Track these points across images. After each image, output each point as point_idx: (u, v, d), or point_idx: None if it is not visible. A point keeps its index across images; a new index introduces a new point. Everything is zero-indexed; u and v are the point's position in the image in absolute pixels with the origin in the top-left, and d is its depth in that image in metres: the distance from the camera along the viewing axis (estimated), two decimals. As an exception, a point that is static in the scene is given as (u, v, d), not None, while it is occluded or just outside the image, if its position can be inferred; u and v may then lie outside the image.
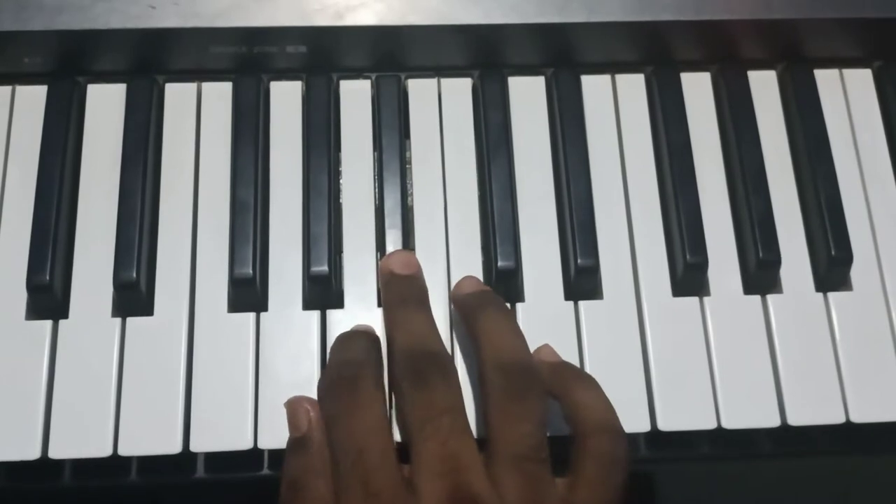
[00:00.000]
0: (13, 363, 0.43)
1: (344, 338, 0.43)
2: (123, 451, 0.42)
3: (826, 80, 0.51)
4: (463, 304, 0.43)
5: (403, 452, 0.38)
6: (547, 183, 0.48)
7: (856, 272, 0.47)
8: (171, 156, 0.48)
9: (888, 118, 0.51)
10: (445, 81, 0.50)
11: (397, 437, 0.42)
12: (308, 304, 0.45)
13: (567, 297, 0.46)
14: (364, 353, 0.41)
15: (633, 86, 0.51)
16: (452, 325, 0.45)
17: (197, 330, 0.44)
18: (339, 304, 0.46)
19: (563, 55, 0.50)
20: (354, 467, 0.37)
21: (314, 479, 0.38)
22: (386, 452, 0.37)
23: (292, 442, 0.40)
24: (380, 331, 0.45)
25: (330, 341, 0.44)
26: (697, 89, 0.51)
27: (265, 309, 0.45)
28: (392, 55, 0.49)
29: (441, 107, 0.50)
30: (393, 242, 0.46)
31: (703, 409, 0.44)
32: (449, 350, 0.44)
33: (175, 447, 0.42)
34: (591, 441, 0.38)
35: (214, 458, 0.44)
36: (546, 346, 0.44)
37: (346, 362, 0.41)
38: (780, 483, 0.47)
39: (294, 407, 0.41)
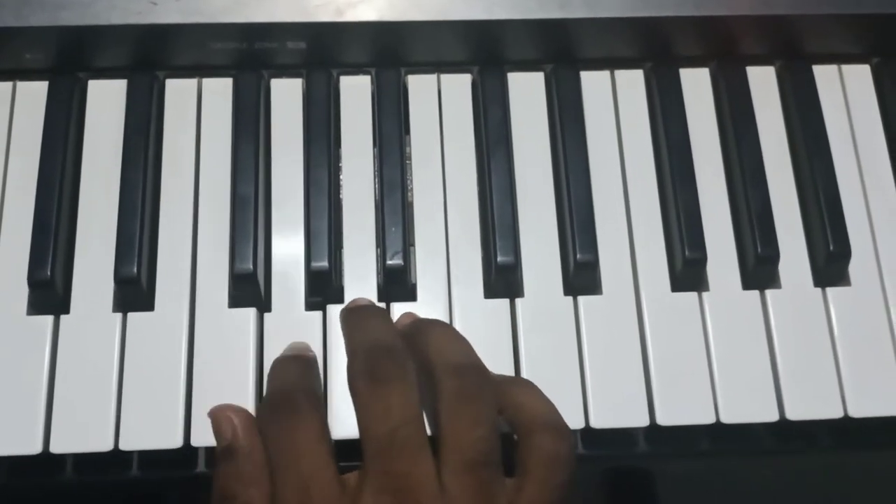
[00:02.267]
0: (14, 358, 0.44)
1: (278, 363, 0.42)
2: (124, 445, 0.43)
3: (825, 75, 0.51)
4: (405, 331, 0.42)
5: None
6: (546, 178, 0.48)
7: (854, 267, 0.47)
8: (171, 152, 0.48)
9: (886, 114, 0.51)
10: (445, 77, 0.50)
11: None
12: (309, 300, 0.46)
13: (566, 293, 0.46)
14: (298, 376, 0.41)
15: (633, 82, 0.51)
16: (451, 322, 0.45)
17: (198, 325, 0.45)
18: (339, 299, 0.46)
19: (562, 51, 0.50)
20: (290, 474, 0.36)
21: (243, 488, 0.38)
22: (324, 461, 0.36)
23: (219, 451, 0.40)
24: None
25: (331, 336, 0.44)
26: (696, 85, 0.51)
27: (266, 305, 0.45)
28: (392, 51, 0.49)
29: (441, 102, 0.50)
30: (393, 238, 0.46)
31: (702, 403, 0.44)
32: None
33: (176, 442, 0.43)
34: (535, 440, 0.38)
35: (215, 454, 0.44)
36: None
37: (280, 388, 0.40)
38: (779, 478, 0.48)
39: (217, 416, 0.41)
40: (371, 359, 0.38)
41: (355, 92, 0.50)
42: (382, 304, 0.46)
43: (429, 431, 0.38)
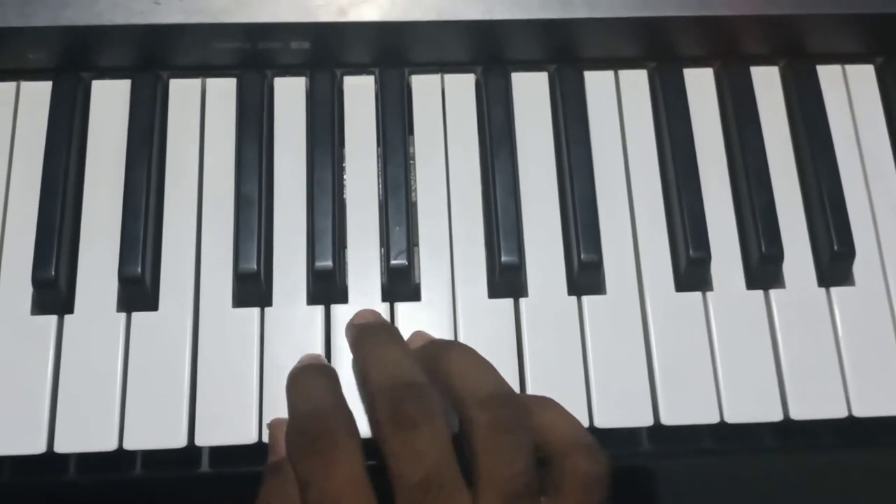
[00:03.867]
0: (19, 358, 0.44)
1: (300, 378, 0.40)
2: (129, 445, 0.43)
3: (828, 75, 0.51)
4: (423, 356, 0.40)
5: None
6: (550, 178, 0.48)
7: (858, 267, 0.47)
8: (175, 151, 0.48)
9: (890, 114, 0.51)
10: (449, 77, 0.50)
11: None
12: (312, 299, 0.46)
13: (570, 293, 0.46)
14: (328, 396, 0.38)
15: (636, 82, 0.51)
16: (455, 322, 0.45)
17: (202, 325, 0.45)
18: (343, 298, 0.46)
19: (566, 51, 0.50)
20: None
21: None
22: None
23: (270, 465, 0.39)
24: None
25: (334, 336, 0.44)
26: (700, 85, 0.51)
27: (270, 304, 0.45)
28: (395, 51, 0.49)
29: (444, 102, 0.50)
30: (397, 237, 0.46)
31: (706, 403, 0.44)
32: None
33: (180, 441, 0.43)
34: (569, 462, 0.37)
35: (219, 453, 0.44)
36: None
37: (311, 413, 0.38)
38: (783, 477, 0.48)
39: (275, 430, 0.40)
40: (395, 402, 0.36)
41: (359, 92, 0.50)
42: (386, 304, 0.46)
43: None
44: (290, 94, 0.50)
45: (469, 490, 0.35)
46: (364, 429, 0.39)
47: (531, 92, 0.50)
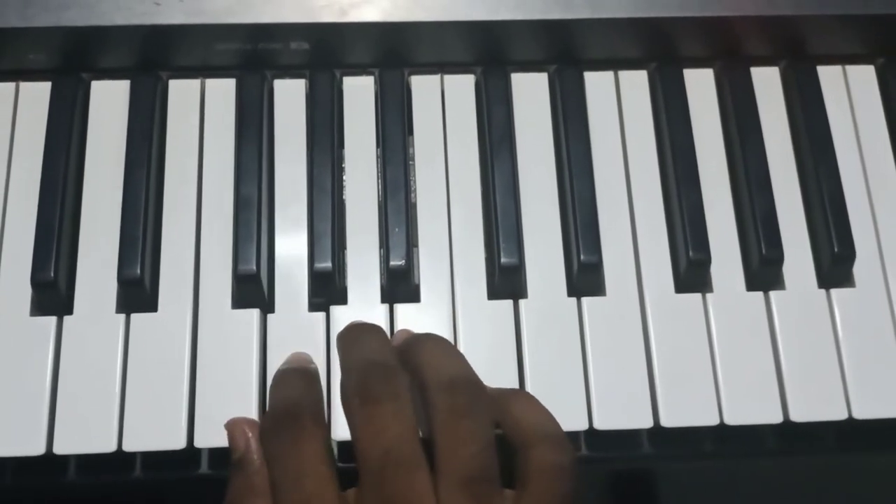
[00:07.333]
0: (18, 359, 0.44)
1: (280, 376, 0.42)
2: (128, 447, 0.43)
3: (829, 76, 0.51)
4: (399, 348, 0.41)
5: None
6: (550, 179, 0.48)
7: (858, 269, 0.47)
8: (174, 152, 0.48)
9: (891, 115, 0.51)
10: (449, 78, 0.50)
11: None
12: (312, 301, 0.46)
13: (570, 294, 0.46)
14: (300, 390, 0.40)
15: (637, 82, 0.51)
16: (455, 324, 0.45)
17: (201, 326, 0.45)
18: (342, 300, 0.46)
19: (566, 52, 0.50)
20: (293, 493, 0.36)
21: (252, 500, 0.37)
22: (325, 481, 0.36)
23: (232, 462, 0.40)
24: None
25: (334, 337, 0.44)
26: (701, 86, 0.51)
27: (269, 305, 0.45)
28: (395, 51, 0.49)
29: (444, 103, 0.50)
30: (396, 238, 0.46)
31: (706, 405, 0.44)
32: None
33: (179, 443, 0.43)
34: (535, 452, 0.37)
35: (219, 454, 0.44)
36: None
37: (283, 403, 0.39)
38: (783, 480, 0.48)
39: (232, 428, 0.40)
40: (363, 378, 0.37)
41: (359, 92, 0.50)
42: (386, 306, 0.46)
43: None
44: (289, 95, 0.50)
45: (431, 473, 0.36)
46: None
47: (531, 93, 0.50)
